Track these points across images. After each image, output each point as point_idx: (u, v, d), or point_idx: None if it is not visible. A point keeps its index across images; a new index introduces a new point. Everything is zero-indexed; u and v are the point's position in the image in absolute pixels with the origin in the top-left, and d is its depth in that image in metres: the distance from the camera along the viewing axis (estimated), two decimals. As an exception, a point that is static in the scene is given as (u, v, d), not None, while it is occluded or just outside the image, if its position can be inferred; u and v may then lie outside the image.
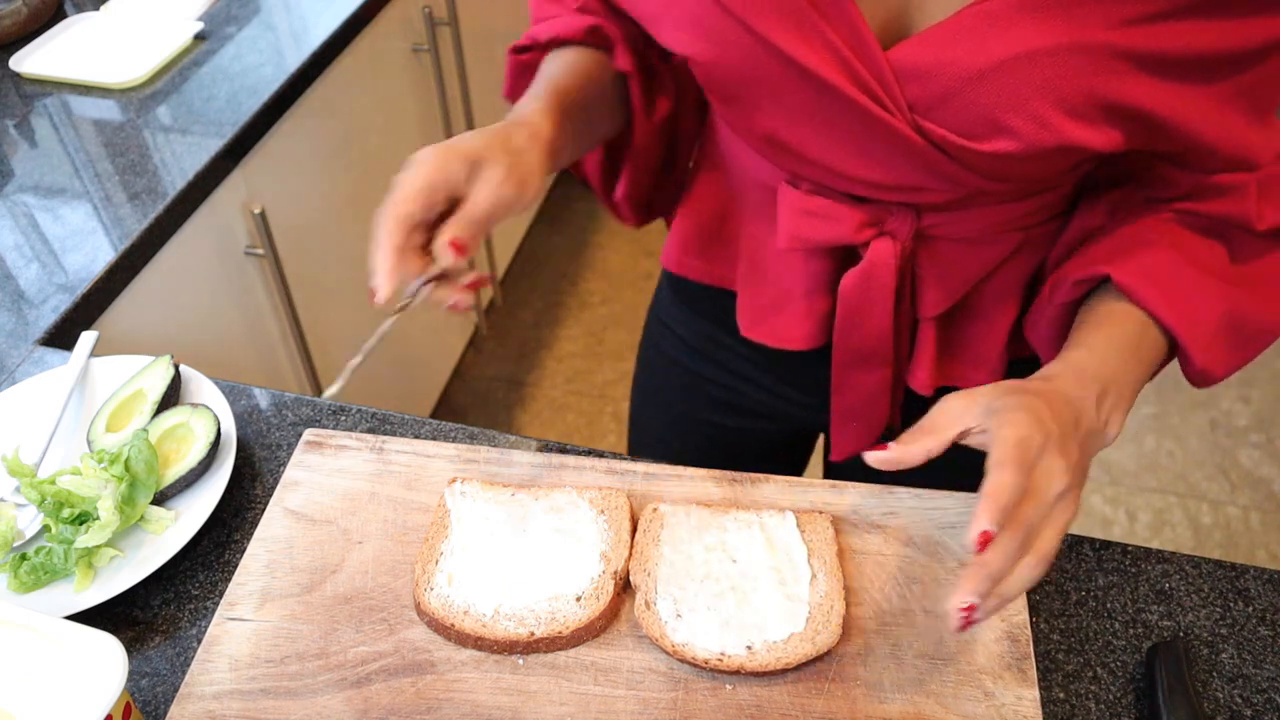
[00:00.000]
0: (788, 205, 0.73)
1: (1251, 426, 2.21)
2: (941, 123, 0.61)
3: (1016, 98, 0.58)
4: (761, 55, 0.62)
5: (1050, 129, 0.59)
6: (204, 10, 1.47)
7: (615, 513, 0.70)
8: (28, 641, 0.57)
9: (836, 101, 0.62)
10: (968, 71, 0.59)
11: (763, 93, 0.65)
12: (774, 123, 0.66)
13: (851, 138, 0.65)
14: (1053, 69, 0.57)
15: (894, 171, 0.66)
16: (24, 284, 1.02)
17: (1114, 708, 0.63)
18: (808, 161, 0.68)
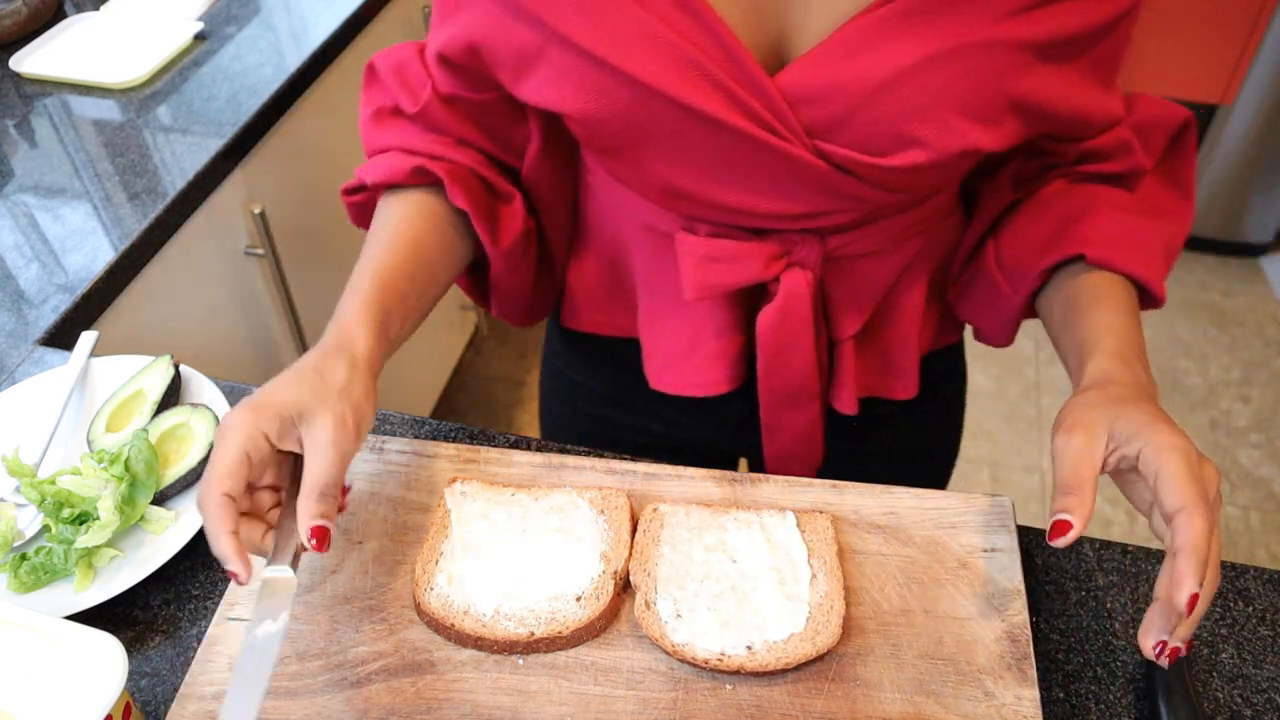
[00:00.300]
0: (689, 253, 0.70)
1: (1251, 426, 2.21)
2: (844, 143, 0.60)
3: (920, 107, 0.58)
4: (645, 103, 0.59)
5: (956, 134, 0.59)
6: (204, 10, 1.47)
7: (615, 513, 0.70)
8: (28, 641, 0.57)
9: (730, 138, 0.60)
10: (865, 88, 0.57)
11: (651, 141, 0.62)
12: (666, 169, 0.64)
13: (751, 172, 0.62)
14: (952, 72, 0.57)
15: (798, 200, 0.64)
16: (24, 284, 1.02)
17: (1114, 708, 0.63)
18: (706, 204, 0.66)
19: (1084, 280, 0.70)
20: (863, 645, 0.64)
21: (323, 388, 0.60)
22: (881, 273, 0.75)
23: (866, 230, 0.70)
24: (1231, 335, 2.42)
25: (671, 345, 0.79)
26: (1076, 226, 0.70)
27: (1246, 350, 2.39)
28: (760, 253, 0.69)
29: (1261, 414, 2.23)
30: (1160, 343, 2.41)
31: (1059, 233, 0.70)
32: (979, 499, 0.72)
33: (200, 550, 0.73)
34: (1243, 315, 2.48)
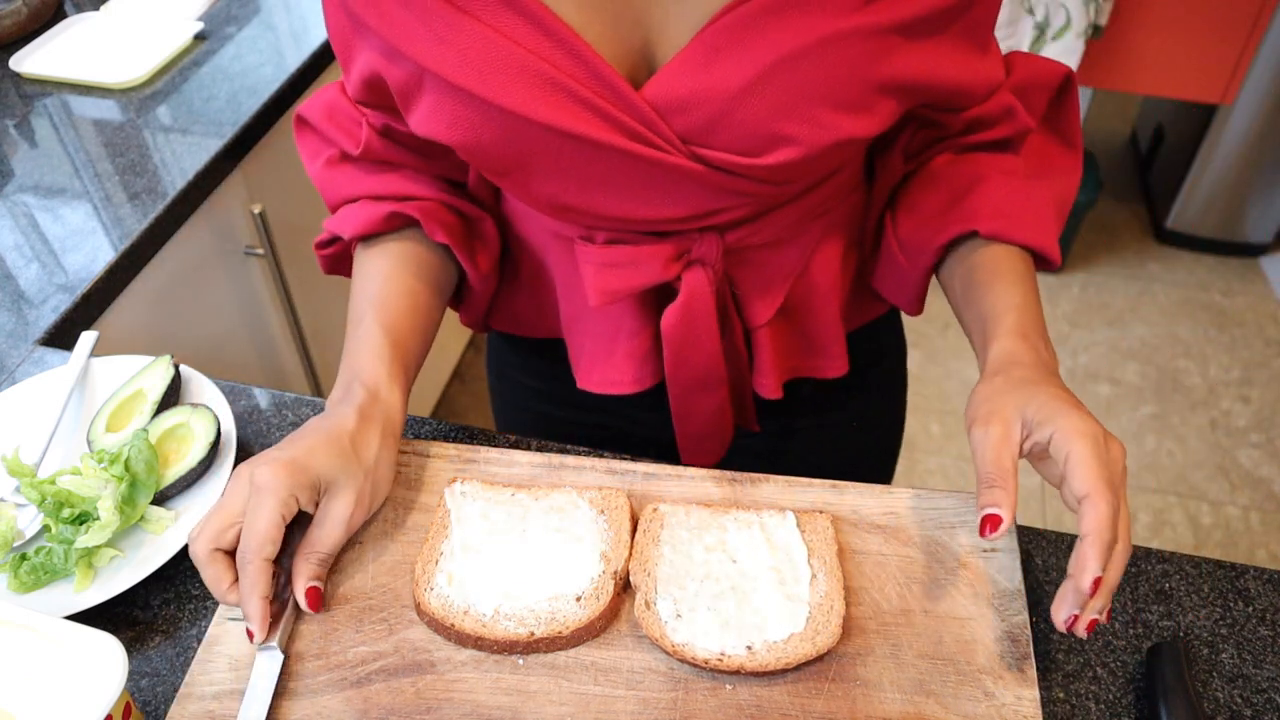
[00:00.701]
0: (588, 261, 0.71)
1: (1251, 426, 2.21)
2: (719, 146, 0.60)
3: (786, 105, 0.58)
4: (518, 129, 0.59)
5: (827, 128, 0.59)
6: (204, 10, 1.47)
7: (615, 513, 0.70)
8: (28, 641, 0.57)
9: (607, 154, 0.60)
10: (729, 91, 0.58)
11: (532, 163, 0.62)
12: (552, 188, 0.64)
13: (634, 184, 0.63)
14: (813, 67, 0.57)
15: (686, 204, 0.65)
16: (24, 284, 1.02)
17: (1114, 708, 0.63)
18: (598, 216, 0.66)
19: (980, 255, 0.71)
20: (863, 645, 0.64)
21: (354, 464, 0.63)
22: (787, 259, 0.75)
23: (764, 221, 0.71)
24: (1231, 335, 2.42)
25: (593, 346, 0.80)
26: (967, 199, 0.71)
27: (1246, 350, 2.39)
28: (658, 255, 0.70)
29: (1261, 414, 2.23)
30: (1160, 343, 2.41)
31: (950, 207, 0.72)
32: (979, 499, 0.72)
33: (200, 550, 0.73)
34: (1243, 315, 2.48)
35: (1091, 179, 2.41)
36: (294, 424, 0.82)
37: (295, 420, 0.82)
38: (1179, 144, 2.58)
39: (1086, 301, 2.51)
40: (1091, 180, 2.40)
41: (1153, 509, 2.05)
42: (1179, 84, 2.16)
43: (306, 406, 0.83)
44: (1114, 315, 2.48)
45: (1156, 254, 2.64)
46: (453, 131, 0.61)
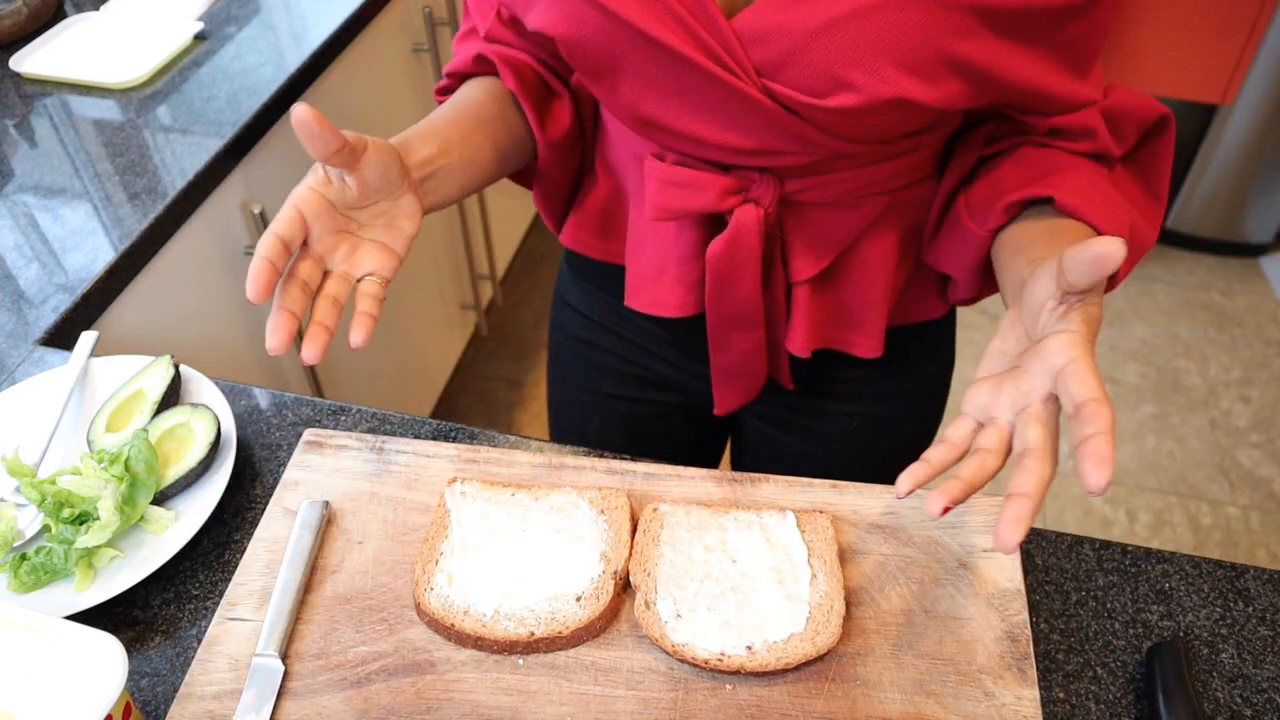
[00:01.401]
0: (654, 177, 0.74)
1: (1251, 426, 2.21)
2: (787, 83, 0.63)
3: (854, 52, 0.60)
4: (613, 30, 0.64)
5: (888, 82, 0.61)
6: (204, 10, 1.47)
7: (615, 513, 0.70)
8: (28, 641, 0.57)
9: (687, 70, 0.64)
10: (806, 30, 0.61)
11: (621, 67, 0.66)
12: (635, 95, 0.68)
13: (706, 105, 0.66)
14: (887, 24, 0.59)
15: (750, 136, 0.67)
16: (24, 284, 1.02)
17: (1114, 708, 0.63)
18: (671, 133, 0.70)
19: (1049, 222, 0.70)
20: (863, 645, 0.64)
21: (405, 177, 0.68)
22: (841, 225, 0.77)
23: (825, 179, 0.73)
24: (1231, 335, 2.42)
25: (646, 268, 0.83)
26: (1049, 176, 0.71)
27: (1246, 350, 2.39)
28: (717, 184, 0.73)
29: (1261, 414, 2.23)
30: (1160, 343, 2.41)
31: (1031, 178, 0.71)
32: (979, 499, 0.72)
33: (200, 550, 0.73)
34: (1243, 315, 2.48)
35: (1091, 179, 2.41)
36: (294, 424, 0.82)
37: (295, 420, 0.82)
38: (1179, 144, 2.58)
39: (1086, 301, 2.51)
40: (1091, 180, 2.40)
41: (1153, 509, 2.05)
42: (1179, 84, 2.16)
43: (306, 406, 0.84)
44: (1114, 315, 2.48)
45: (1156, 254, 2.64)
46: (560, 24, 0.66)
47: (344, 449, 0.77)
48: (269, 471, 0.78)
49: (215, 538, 0.74)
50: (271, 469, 0.78)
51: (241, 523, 0.74)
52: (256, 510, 0.75)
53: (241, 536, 0.73)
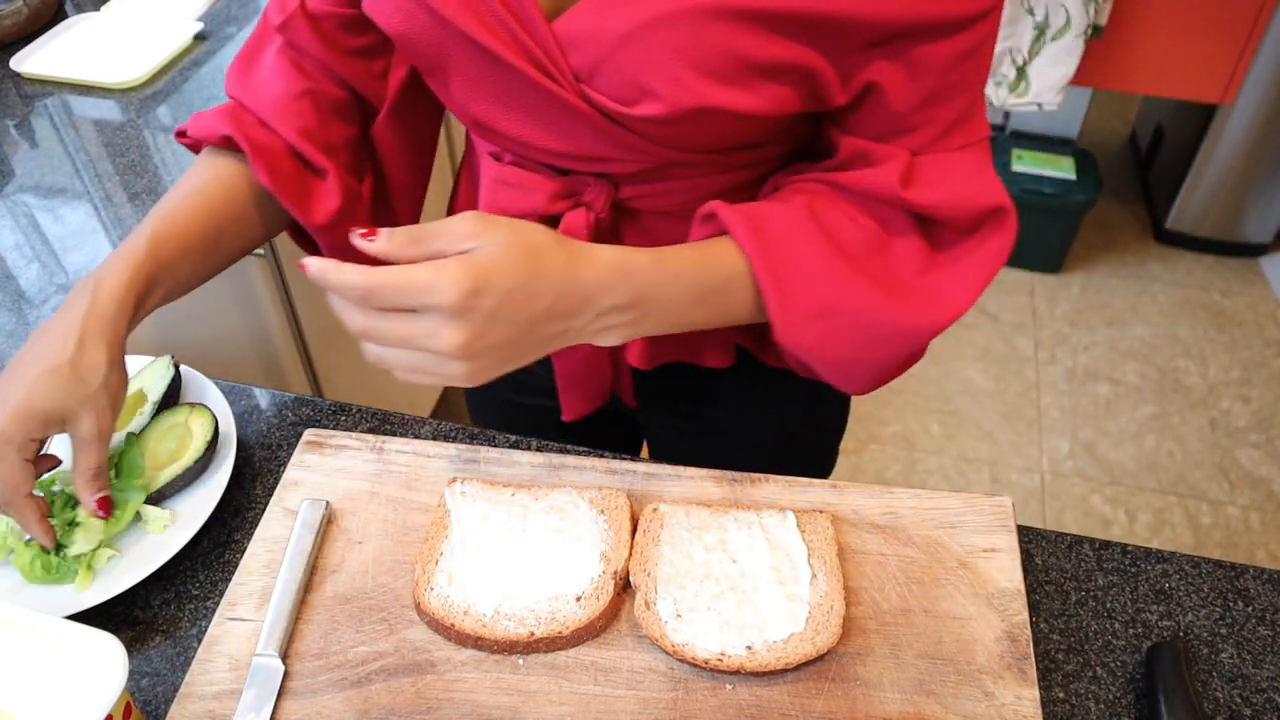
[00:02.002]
0: (487, 176, 0.74)
1: (1251, 426, 2.21)
2: (600, 89, 0.62)
3: (656, 61, 0.59)
4: (440, 30, 0.63)
5: (689, 90, 0.59)
6: (204, 10, 1.47)
7: (615, 513, 0.70)
8: (28, 641, 0.57)
9: (509, 74, 0.63)
10: (615, 36, 0.59)
11: (450, 67, 0.65)
12: (464, 96, 0.67)
13: (531, 110, 0.65)
14: (689, 32, 0.58)
15: (576, 141, 0.66)
16: (24, 284, 1.02)
17: (1114, 708, 0.63)
18: (502, 135, 0.68)
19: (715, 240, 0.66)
20: (863, 645, 0.64)
21: (82, 389, 0.65)
22: (680, 234, 0.73)
23: (662, 186, 0.71)
24: (1231, 335, 2.42)
25: None
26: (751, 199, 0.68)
27: (1246, 350, 2.39)
28: (547, 187, 0.71)
29: (1261, 414, 2.23)
30: (1160, 343, 2.41)
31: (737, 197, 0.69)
32: (979, 499, 0.72)
33: (200, 550, 0.73)
34: (1243, 315, 2.48)
35: (1091, 179, 2.41)
36: (294, 424, 0.82)
37: (295, 420, 0.82)
38: (1179, 144, 2.58)
39: (1086, 301, 2.51)
40: (1091, 180, 2.40)
41: (1153, 509, 2.05)
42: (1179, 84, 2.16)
43: (306, 406, 0.84)
44: (1114, 315, 2.48)
45: (1156, 254, 2.64)
46: (391, 19, 0.65)
47: (344, 449, 0.77)
48: (269, 471, 0.78)
49: (215, 538, 0.74)
50: (271, 469, 0.78)
51: (241, 523, 0.74)
52: (256, 510, 0.75)
53: (241, 536, 0.73)
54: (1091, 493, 2.08)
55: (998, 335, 2.43)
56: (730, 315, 0.66)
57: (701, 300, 0.64)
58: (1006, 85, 2.17)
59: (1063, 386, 2.31)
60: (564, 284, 0.58)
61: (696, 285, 0.64)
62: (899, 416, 2.24)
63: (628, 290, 0.61)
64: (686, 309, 0.64)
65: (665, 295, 0.63)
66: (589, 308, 0.59)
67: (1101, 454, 2.16)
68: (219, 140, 0.74)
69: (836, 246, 0.65)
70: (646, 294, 0.62)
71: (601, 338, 0.62)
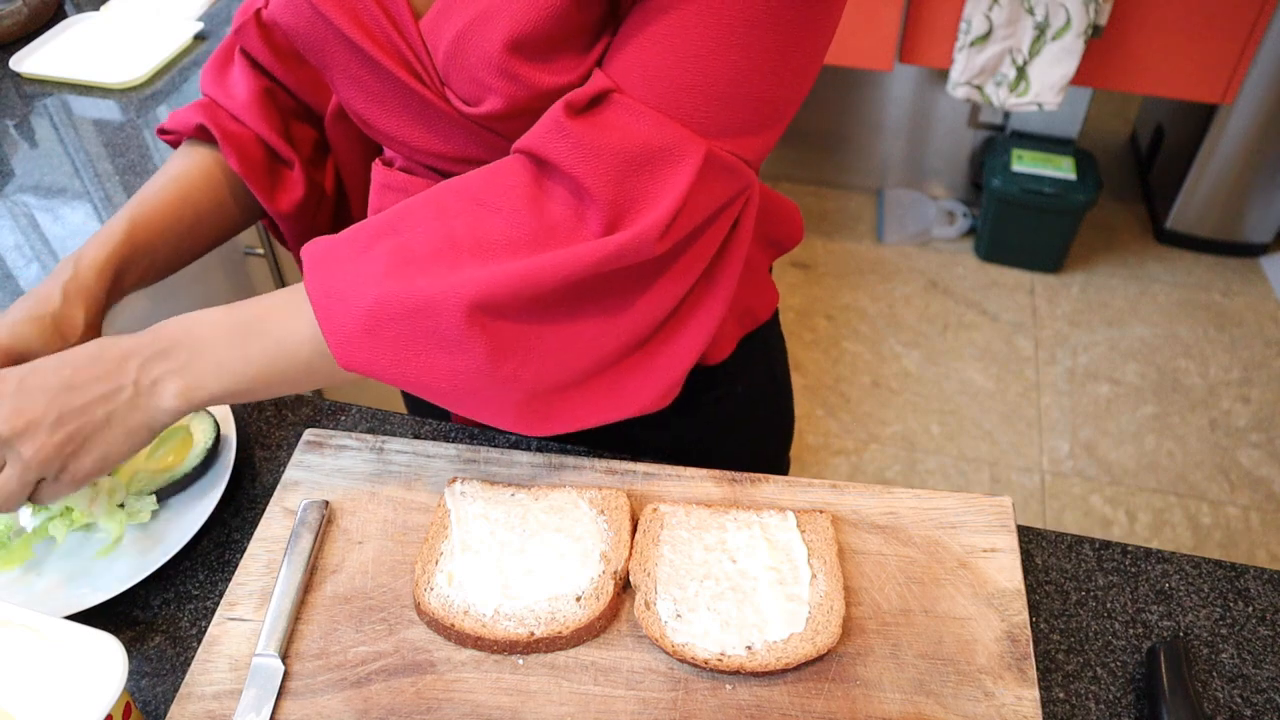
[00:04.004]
0: (376, 181, 0.73)
1: (1251, 426, 2.21)
2: (453, 89, 0.61)
3: (486, 55, 0.57)
4: (321, 26, 0.62)
5: (520, 82, 0.57)
6: (204, 10, 1.47)
7: (615, 513, 0.70)
8: (28, 641, 0.57)
9: (384, 74, 0.62)
10: (454, 32, 0.58)
11: (332, 62, 0.65)
12: (349, 94, 0.66)
13: (405, 109, 0.64)
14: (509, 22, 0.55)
15: (451, 143, 0.64)
16: (24, 284, 1.02)
17: (1114, 708, 0.63)
18: (385, 135, 0.67)
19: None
20: (863, 645, 0.64)
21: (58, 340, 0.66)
22: None
23: None
24: (1231, 335, 2.42)
25: None
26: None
27: (1246, 350, 2.39)
28: None
29: (1261, 414, 2.23)
30: (1160, 343, 2.41)
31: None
32: (979, 499, 0.72)
33: (200, 550, 0.73)
34: (1243, 315, 2.48)
35: (1091, 179, 2.41)
36: (294, 424, 0.82)
37: (295, 420, 0.82)
38: (1179, 144, 2.58)
39: (1086, 301, 2.51)
40: (1091, 180, 2.40)
41: (1153, 509, 2.05)
42: (1179, 84, 2.16)
43: (306, 406, 0.84)
44: (1114, 315, 2.48)
45: (1156, 254, 2.64)
46: (281, 12, 0.65)
47: (344, 449, 0.77)
48: (269, 471, 0.78)
49: (215, 538, 0.74)
50: (271, 469, 0.78)
51: (241, 523, 0.74)
52: (256, 510, 0.75)
53: (241, 536, 0.73)
54: (1091, 493, 2.08)
55: (998, 335, 2.43)
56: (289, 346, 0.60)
57: (244, 330, 0.61)
58: (1006, 85, 2.17)
59: (1063, 386, 2.31)
60: (91, 350, 0.60)
61: (230, 317, 0.61)
62: (899, 416, 2.24)
63: (155, 339, 0.61)
64: (229, 346, 0.60)
65: (199, 334, 0.61)
66: (125, 367, 0.60)
67: (1101, 454, 2.16)
68: (194, 130, 0.76)
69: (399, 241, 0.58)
70: (177, 337, 0.61)
71: (158, 394, 0.60)
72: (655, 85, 0.56)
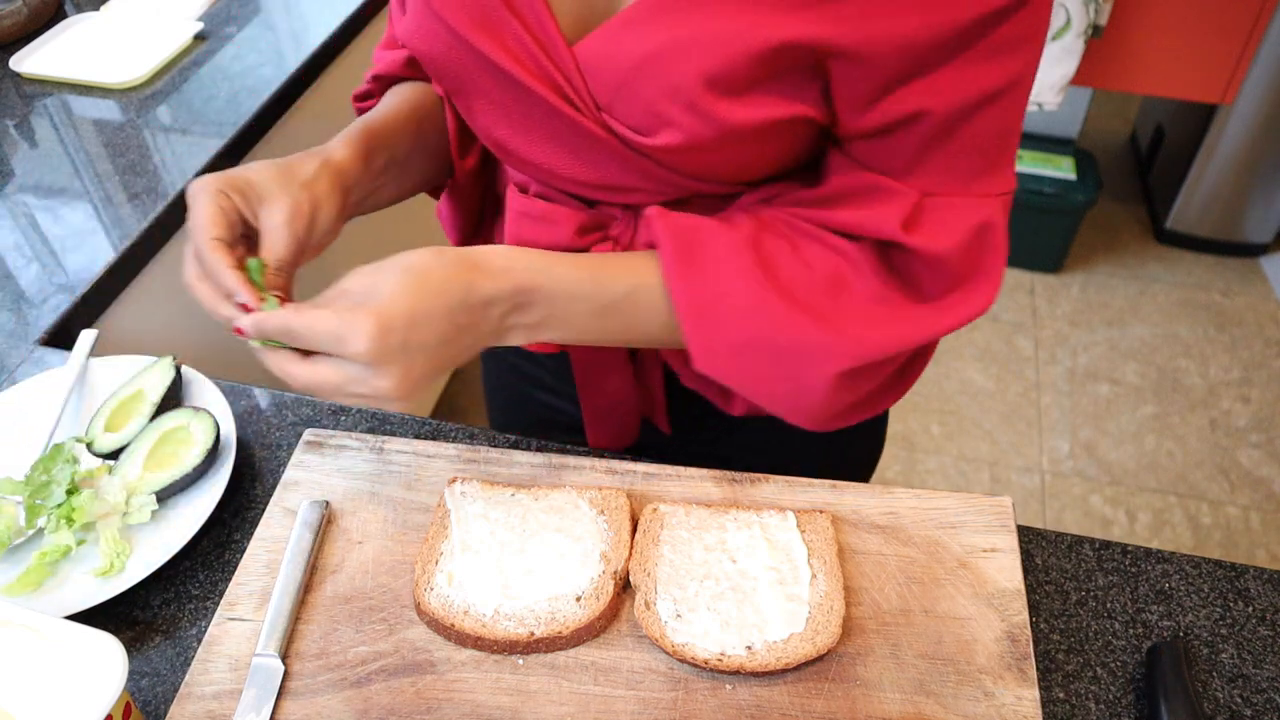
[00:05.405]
0: (513, 208, 0.72)
1: (1251, 426, 2.21)
2: (619, 118, 0.60)
3: (671, 87, 0.56)
4: (462, 52, 0.62)
5: (707, 117, 0.57)
6: (204, 10, 1.47)
7: (615, 513, 0.70)
8: (28, 641, 0.57)
9: (531, 99, 0.61)
10: (630, 62, 0.57)
11: (471, 89, 0.64)
12: (488, 120, 0.66)
13: (554, 136, 0.63)
14: (705, 53, 0.55)
15: (600, 171, 0.64)
16: (24, 284, 1.02)
17: (1114, 708, 0.63)
18: (525, 162, 0.67)
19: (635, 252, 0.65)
20: (863, 645, 0.64)
21: (287, 176, 0.64)
22: None
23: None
24: (1231, 335, 2.42)
25: None
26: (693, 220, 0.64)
27: (1246, 350, 2.39)
28: (574, 220, 0.69)
29: (1261, 414, 2.23)
30: (1160, 343, 2.41)
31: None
32: (979, 499, 0.72)
33: (200, 550, 0.73)
34: (1243, 315, 2.48)
35: (1091, 179, 2.41)
36: (294, 424, 0.82)
37: (295, 420, 0.82)
38: (1179, 144, 2.58)
39: (1086, 301, 2.51)
40: (1091, 180, 2.40)
41: (1153, 509, 2.05)
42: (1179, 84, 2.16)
43: (306, 406, 0.83)
44: (1114, 315, 2.48)
45: (1156, 254, 2.64)
46: (415, 39, 0.64)
47: (344, 449, 0.77)
48: (269, 471, 0.78)
49: (215, 538, 0.74)
50: (271, 469, 0.78)
51: (241, 523, 0.74)
52: (256, 510, 0.75)
53: (241, 536, 0.73)
54: (1091, 493, 2.08)
55: (998, 335, 2.43)
56: (643, 331, 0.65)
57: (605, 312, 0.63)
58: (1006, 85, 2.16)
59: (1063, 386, 2.31)
60: (458, 297, 0.58)
61: (595, 297, 0.63)
62: (899, 416, 2.24)
63: (516, 290, 0.60)
64: (589, 319, 0.63)
65: (563, 306, 0.62)
66: (488, 314, 0.60)
67: (1101, 454, 2.16)
68: (401, 66, 0.75)
69: (774, 281, 0.61)
70: (543, 298, 0.61)
71: (505, 337, 0.62)
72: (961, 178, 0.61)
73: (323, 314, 0.55)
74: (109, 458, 0.76)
